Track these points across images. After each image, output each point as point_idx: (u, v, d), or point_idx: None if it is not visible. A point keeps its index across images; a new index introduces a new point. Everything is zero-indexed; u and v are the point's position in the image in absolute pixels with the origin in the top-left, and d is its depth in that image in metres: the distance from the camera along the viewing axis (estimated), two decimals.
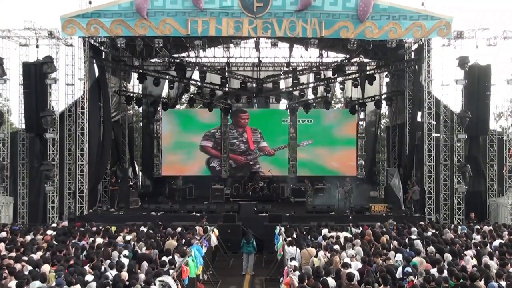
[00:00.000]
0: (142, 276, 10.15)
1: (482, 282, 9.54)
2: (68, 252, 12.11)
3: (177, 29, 19.36)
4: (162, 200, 23.73)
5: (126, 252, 11.96)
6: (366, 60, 27.74)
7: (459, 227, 16.53)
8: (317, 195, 24.27)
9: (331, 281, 9.68)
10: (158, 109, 29.05)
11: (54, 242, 13.57)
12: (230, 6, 19.11)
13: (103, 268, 10.69)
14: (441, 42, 20.63)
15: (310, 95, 28.58)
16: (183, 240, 14.01)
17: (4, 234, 14.78)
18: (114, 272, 10.19)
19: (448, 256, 11.56)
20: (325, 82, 26.90)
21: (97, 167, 22.20)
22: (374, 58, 27.06)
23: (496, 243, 13.41)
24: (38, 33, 20.52)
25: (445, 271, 10.03)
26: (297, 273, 10.29)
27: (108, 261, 11.17)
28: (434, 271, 10.29)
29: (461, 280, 9.43)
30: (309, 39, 19.88)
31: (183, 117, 29.63)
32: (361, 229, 15.67)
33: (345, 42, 20.69)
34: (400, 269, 10.60)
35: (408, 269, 10.32)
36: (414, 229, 15.59)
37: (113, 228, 16.05)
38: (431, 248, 12.26)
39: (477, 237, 14.48)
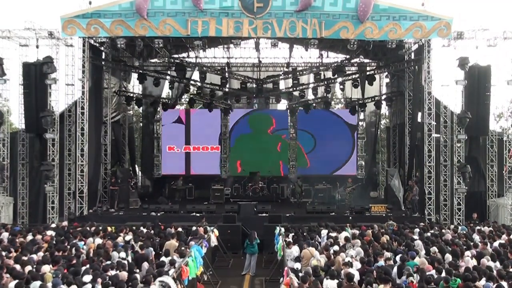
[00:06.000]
0: (141, 276, 10.13)
1: (482, 283, 9.54)
2: (68, 253, 12.10)
3: (177, 30, 19.36)
4: (162, 200, 23.73)
5: (123, 253, 11.93)
6: (366, 60, 27.76)
7: (459, 227, 16.53)
8: (317, 196, 24.33)
9: (332, 282, 9.68)
10: (158, 109, 29.06)
11: (54, 242, 13.57)
12: (230, 6, 19.11)
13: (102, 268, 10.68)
14: (441, 42, 20.65)
15: (310, 96, 28.57)
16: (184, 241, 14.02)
17: (6, 234, 14.76)
18: (114, 272, 10.19)
19: (448, 257, 11.57)
20: (325, 82, 26.91)
21: (94, 167, 22.20)
22: (374, 58, 27.07)
23: (496, 243, 13.40)
24: (38, 33, 20.53)
25: (444, 272, 10.03)
26: (300, 274, 10.26)
27: (108, 262, 11.16)
28: (433, 271, 10.29)
29: (459, 280, 9.44)
30: (309, 39, 19.89)
31: (183, 117, 29.59)
32: (360, 230, 15.64)
33: (345, 43, 20.70)
34: (395, 269, 10.61)
35: (409, 269, 10.34)
36: (416, 229, 15.59)
37: (113, 228, 16.05)
38: (434, 249, 12.26)
39: (477, 238, 14.48)
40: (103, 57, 23.86)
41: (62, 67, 21.07)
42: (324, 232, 15.12)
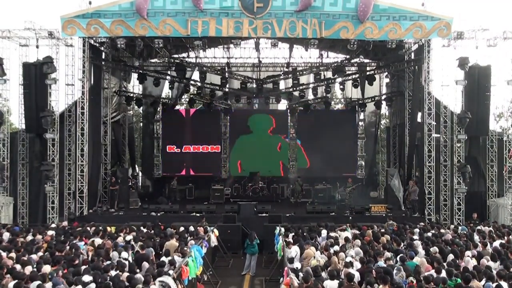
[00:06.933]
0: (141, 276, 10.12)
1: (482, 283, 9.54)
2: (68, 252, 12.09)
3: (177, 30, 19.37)
4: (162, 200, 23.72)
5: (124, 253, 11.93)
6: (366, 60, 27.77)
7: (459, 227, 16.53)
8: (317, 196, 24.32)
9: (332, 283, 9.68)
10: (158, 109, 29.06)
11: (54, 242, 13.56)
12: (230, 6, 19.12)
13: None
14: (441, 42, 20.66)
15: (310, 96, 28.58)
16: (184, 241, 14.01)
17: (6, 234, 14.75)
18: (114, 272, 10.18)
19: (448, 257, 11.57)
20: (325, 82, 26.91)
21: (94, 167, 22.21)
22: (374, 58, 27.07)
23: (496, 243, 13.40)
24: (38, 33, 20.54)
25: (443, 272, 10.03)
26: (300, 274, 10.27)
27: (108, 262, 11.16)
28: (433, 271, 10.29)
29: (459, 280, 9.44)
30: (309, 39, 19.89)
31: (183, 117, 29.57)
32: (360, 230, 15.65)
33: (345, 43, 20.71)
34: (396, 270, 10.61)
35: (400, 267, 10.38)
36: (416, 229, 15.59)
37: (112, 229, 16.05)
38: (435, 249, 12.27)
39: (477, 238, 14.47)
40: (103, 57, 23.87)
41: (62, 67, 21.15)
42: (324, 232, 15.10)
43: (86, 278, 9.39)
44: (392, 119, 28.51)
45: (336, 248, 12.53)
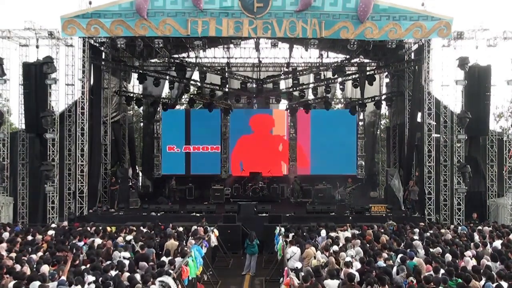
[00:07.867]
0: (140, 276, 10.12)
1: (482, 283, 9.54)
2: (67, 253, 12.08)
3: (177, 30, 19.38)
4: (162, 200, 23.72)
5: (127, 253, 11.94)
6: (366, 60, 27.78)
7: (459, 227, 16.54)
8: (317, 196, 24.31)
9: (332, 282, 9.68)
10: (158, 109, 29.06)
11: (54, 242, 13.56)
12: (230, 6, 19.13)
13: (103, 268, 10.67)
14: (441, 42, 20.68)
15: (310, 96, 28.59)
16: (183, 241, 14.02)
17: (6, 234, 14.74)
18: (114, 272, 10.18)
19: (448, 257, 11.57)
20: (325, 82, 26.92)
21: (94, 167, 22.23)
22: (374, 58, 27.09)
23: (496, 243, 13.39)
24: (38, 33, 20.54)
25: (441, 271, 10.03)
26: (300, 274, 10.27)
27: (109, 262, 11.15)
28: (432, 271, 10.30)
29: (459, 280, 9.45)
30: (309, 39, 19.89)
31: (183, 117, 29.56)
32: (360, 230, 15.64)
33: (345, 43, 20.72)
34: (395, 269, 10.62)
35: (403, 267, 10.38)
36: (416, 229, 15.60)
37: (113, 229, 16.05)
38: (438, 250, 12.27)
39: (477, 238, 14.47)
40: (103, 57, 23.85)
41: (62, 67, 21.15)
42: (323, 232, 15.10)
43: (87, 278, 9.40)
44: (392, 119, 28.51)
45: (335, 248, 12.53)
